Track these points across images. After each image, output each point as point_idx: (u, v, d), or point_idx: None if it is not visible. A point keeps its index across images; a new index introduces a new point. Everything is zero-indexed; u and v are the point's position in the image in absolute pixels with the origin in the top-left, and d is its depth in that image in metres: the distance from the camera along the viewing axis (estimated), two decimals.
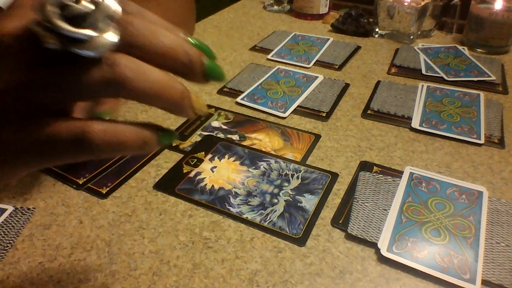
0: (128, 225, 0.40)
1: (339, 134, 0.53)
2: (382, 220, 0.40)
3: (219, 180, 0.45)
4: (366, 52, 0.77)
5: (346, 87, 0.64)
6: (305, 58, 0.73)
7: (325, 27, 0.88)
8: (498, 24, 0.73)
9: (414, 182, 0.44)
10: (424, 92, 0.62)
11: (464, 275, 0.35)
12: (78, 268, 0.36)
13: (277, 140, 0.52)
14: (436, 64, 0.70)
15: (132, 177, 0.46)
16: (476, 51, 0.76)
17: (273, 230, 0.39)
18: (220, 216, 0.41)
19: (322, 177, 0.46)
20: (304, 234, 0.39)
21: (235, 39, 0.82)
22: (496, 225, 0.39)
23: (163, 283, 0.35)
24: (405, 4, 0.76)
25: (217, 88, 0.64)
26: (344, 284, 0.35)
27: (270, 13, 0.97)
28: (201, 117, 0.56)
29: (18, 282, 0.35)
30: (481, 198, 0.42)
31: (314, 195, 0.43)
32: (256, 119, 0.56)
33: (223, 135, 0.53)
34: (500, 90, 0.64)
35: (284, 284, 0.35)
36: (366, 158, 0.49)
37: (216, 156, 0.49)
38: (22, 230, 0.39)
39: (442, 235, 0.38)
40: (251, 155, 0.49)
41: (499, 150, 0.51)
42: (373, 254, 0.37)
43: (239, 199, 0.43)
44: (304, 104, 0.59)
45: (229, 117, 0.56)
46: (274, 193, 0.43)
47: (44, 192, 0.44)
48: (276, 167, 0.47)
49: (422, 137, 0.53)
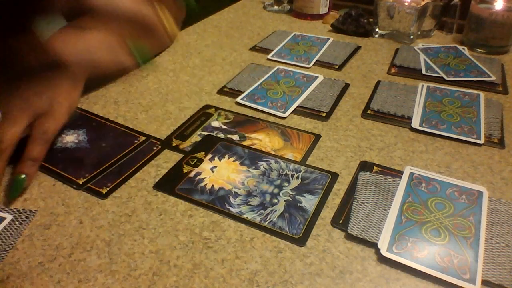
0: (128, 225, 0.40)
1: (339, 134, 0.53)
2: (382, 220, 0.40)
3: (219, 180, 0.45)
4: (366, 52, 0.77)
5: (346, 87, 0.64)
6: (305, 58, 0.73)
7: (325, 27, 0.88)
8: (498, 24, 0.73)
9: (414, 182, 0.44)
10: (424, 92, 0.62)
11: (464, 275, 0.35)
12: (78, 268, 0.36)
13: (277, 140, 0.52)
14: (436, 64, 0.70)
15: (132, 177, 0.46)
16: (476, 51, 0.76)
17: (273, 230, 0.39)
18: (220, 216, 0.41)
19: (322, 177, 0.46)
20: (304, 234, 0.39)
21: (235, 39, 0.82)
22: (496, 225, 0.39)
23: (163, 283, 0.35)
24: (405, 4, 0.76)
25: (217, 88, 0.64)
26: (344, 284, 0.35)
27: (270, 13, 0.97)
28: (201, 117, 0.56)
29: (18, 282, 0.35)
30: (481, 198, 0.42)
31: (314, 195, 0.43)
32: (256, 119, 0.56)
33: (223, 135, 0.53)
34: (500, 90, 0.64)
35: (284, 284, 0.35)
36: (366, 158, 0.49)
37: (216, 156, 0.49)
38: (23, 231, 0.39)
39: (442, 235, 0.38)
40: (251, 155, 0.49)
41: (499, 150, 0.51)
42: (373, 254, 0.37)
43: (239, 199, 0.43)
44: (304, 104, 0.59)
45: (229, 117, 0.56)
46: (274, 193, 0.43)
47: (44, 192, 0.44)
48: (276, 167, 0.47)
49: (422, 137, 0.53)
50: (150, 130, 0.53)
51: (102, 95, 0.61)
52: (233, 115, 0.57)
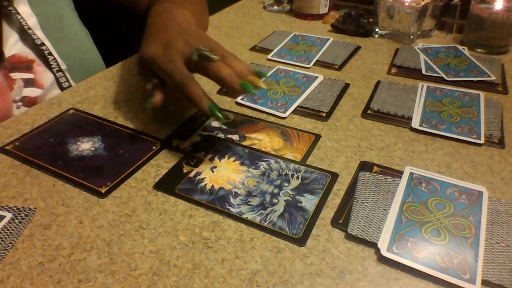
0: (128, 225, 0.40)
1: (339, 134, 0.53)
2: (382, 220, 0.40)
3: (219, 180, 0.45)
4: (366, 52, 0.77)
5: (346, 87, 0.65)
6: (305, 58, 0.73)
7: (325, 27, 0.88)
8: (498, 24, 0.73)
9: (414, 182, 0.44)
10: (424, 92, 0.62)
11: (464, 275, 0.35)
12: (78, 268, 0.36)
13: (277, 140, 0.52)
14: (436, 64, 0.70)
15: (132, 177, 0.46)
16: (476, 51, 0.76)
17: (273, 230, 0.39)
18: (220, 216, 0.41)
19: (322, 177, 0.46)
20: (304, 234, 0.39)
21: (235, 39, 0.82)
22: (496, 225, 0.39)
23: (163, 283, 0.35)
24: (405, 4, 0.76)
25: (217, 88, 0.64)
26: (344, 284, 0.35)
27: (270, 13, 0.97)
28: (201, 117, 0.56)
29: (18, 282, 0.35)
30: (481, 198, 0.42)
31: (314, 195, 0.43)
32: (256, 119, 0.56)
33: (223, 135, 0.53)
34: (500, 90, 0.64)
35: (284, 284, 0.35)
36: (366, 158, 0.49)
37: (216, 156, 0.49)
38: (22, 231, 0.39)
39: (442, 235, 0.38)
40: (251, 155, 0.49)
41: (499, 150, 0.51)
42: (373, 254, 0.37)
43: (239, 199, 0.43)
44: (304, 104, 0.59)
45: (229, 117, 0.56)
46: (274, 193, 0.43)
47: (44, 192, 0.44)
48: (276, 167, 0.47)
49: (422, 137, 0.53)
50: (150, 130, 0.53)
51: (102, 96, 0.61)
52: (233, 115, 0.57)
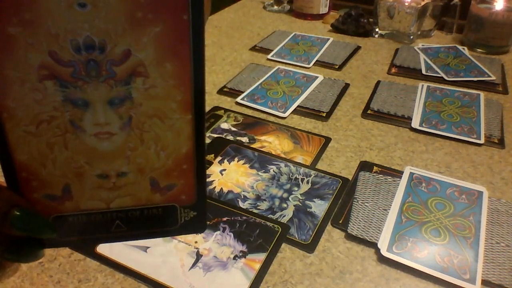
0: None
1: (339, 134, 0.53)
2: (382, 220, 0.40)
3: (228, 183, 0.45)
4: (366, 52, 0.77)
5: (346, 87, 0.64)
6: (305, 58, 0.73)
7: (325, 27, 0.88)
8: (498, 24, 0.73)
9: (414, 182, 0.44)
10: (424, 92, 0.62)
11: (464, 275, 0.35)
12: (78, 268, 0.36)
13: (286, 142, 0.51)
14: (436, 64, 0.70)
15: None
16: (476, 51, 0.76)
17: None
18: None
19: (333, 182, 0.45)
20: (313, 240, 0.38)
21: (235, 39, 0.82)
22: (496, 225, 0.39)
23: None
24: (405, 4, 0.76)
25: (217, 88, 0.64)
26: (344, 284, 0.35)
27: (270, 13, 0.97)
28: (210, 118, 0.56)
29: (18, 282, 0.35)
30: (481, 198, 0.42)
31: (324, 200, 0.43)
32: (265, 121, 0.56)
33: (232, 137, 0.52)
34: (500, 90, 0.64)
35: (284, 284, 0.35)
36: (366, 158, 0.49)
37: (226, 159, 0.48)
38: None
39: (442, 235, 0.38)
40: (261, 158, 0.48)
41: (499, 150, 0.51)
42: (373, 254, 0.37)
43: (248, 203, 0.42)
44: (304, 104, 0.59)
45: (238, 119, 0.56)
46: (284, 198, 0.43)
47: None
48: (286, 171, 0.46)
49: (422, 137, 0.53)
50: None
51: None
52: (242, 117, 0.57)
